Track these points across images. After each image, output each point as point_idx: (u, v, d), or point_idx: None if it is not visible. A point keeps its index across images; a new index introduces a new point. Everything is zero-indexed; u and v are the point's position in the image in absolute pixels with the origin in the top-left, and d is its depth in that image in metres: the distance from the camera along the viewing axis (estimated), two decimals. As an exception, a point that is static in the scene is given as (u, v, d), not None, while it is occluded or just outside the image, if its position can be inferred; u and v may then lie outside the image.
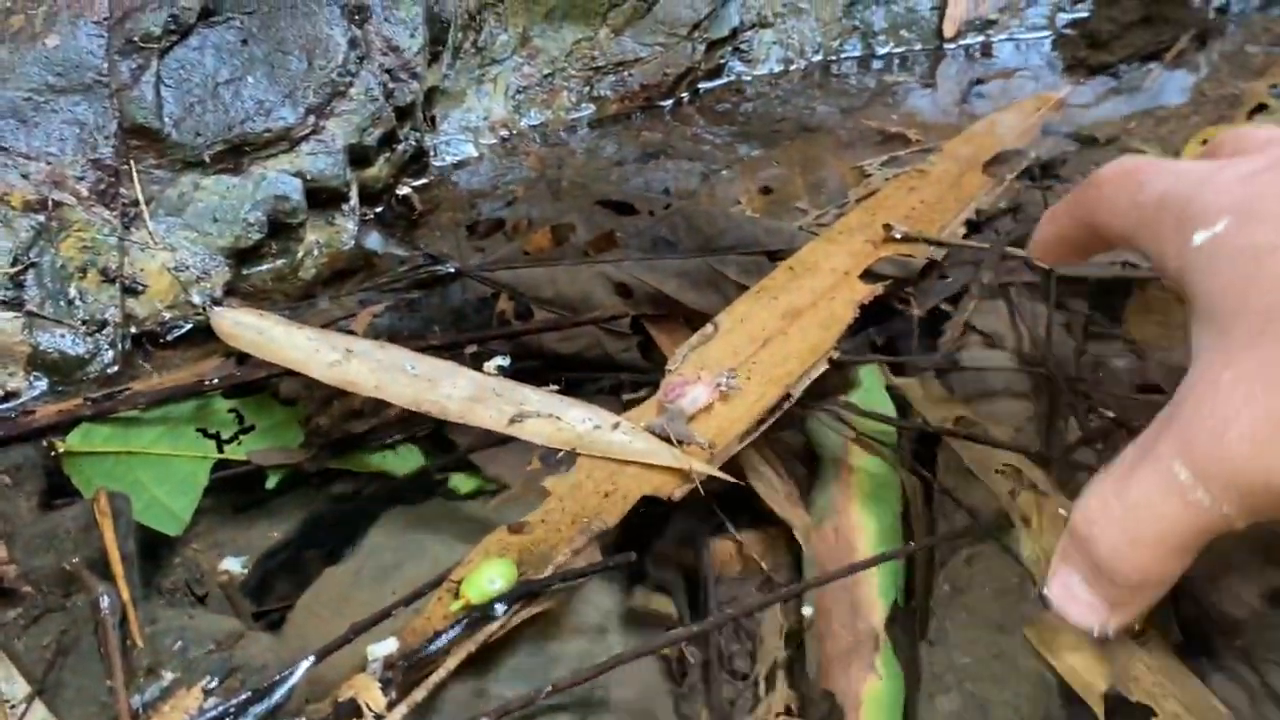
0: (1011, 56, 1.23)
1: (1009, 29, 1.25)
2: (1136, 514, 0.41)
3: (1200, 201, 0.44)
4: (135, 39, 0.79)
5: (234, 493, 0.71)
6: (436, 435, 0.74)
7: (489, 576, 0.56)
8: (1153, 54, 1.22)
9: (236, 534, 0.69)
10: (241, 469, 0.71)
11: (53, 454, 0.69)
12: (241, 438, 0.73)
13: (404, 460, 0.73)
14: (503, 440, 0.72)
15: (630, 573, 0.62)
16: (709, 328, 0.74)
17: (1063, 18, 1.27)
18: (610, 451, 0.65)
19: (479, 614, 0.55)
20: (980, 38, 1.25)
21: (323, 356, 0.70)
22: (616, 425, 0.67)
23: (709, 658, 0.60)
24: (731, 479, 0.63)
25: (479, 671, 0.54)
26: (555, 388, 0.71)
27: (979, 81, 1.17)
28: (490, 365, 0.75)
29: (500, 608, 0.55)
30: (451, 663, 0.53)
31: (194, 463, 0.70)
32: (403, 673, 0.52)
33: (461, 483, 0.71)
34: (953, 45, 1.24)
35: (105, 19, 0.79)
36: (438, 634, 0.54)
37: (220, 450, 0.71)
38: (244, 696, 0.51)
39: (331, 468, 0.72)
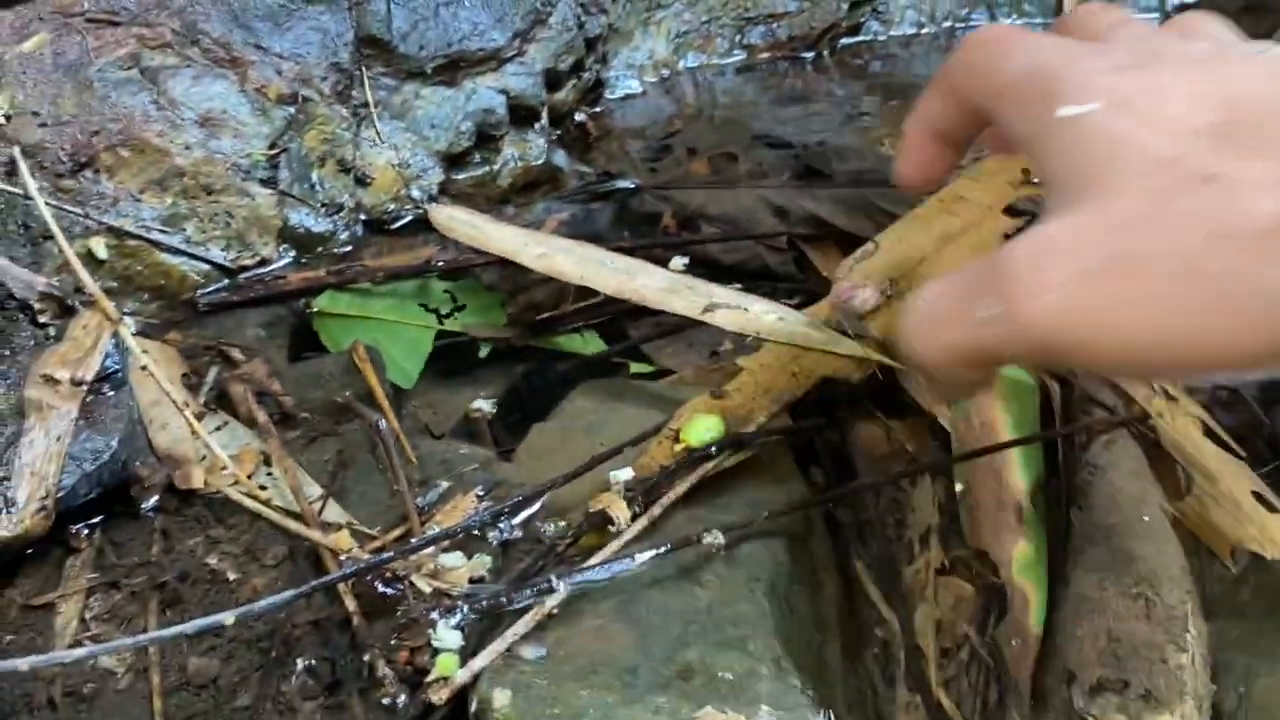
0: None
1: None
2: (944, 330, 0.42)
3: (1073, 81, 0.45)
4: (372, -40, 0.89)
5: (444, 361, 0.81)
6: (610, 327, 0.84)
7: (704, 426, 0.66)
8: (1256, 39, 1.30)
9: (449, 395, 0.79)
10: (457, 339, 0.81)
11: (307, 311, 0.80)
12: (456, 315, 0.83)
13: (588, 343, 0.82)
14: (668, 333, 0.83)
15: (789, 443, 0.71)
16: (870, 245, 0.83)
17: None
18: (795, 338, 0.75)
19: (697, 455, 0.64)
20: (1097, 14, 1.33)
21: (531, 249, 0.80)
22: (798, 318, 0.76)
23: (870, 517, 0.70)
24: (903, 366, 0.73)
25: (691, 503, 0.64)
26: (739, 286, 0.80)
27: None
28: (675, 263, 0.84)
29: (714, 451, 0.65)
30: (680, 488, 0.63)
31: (420, 331, 0.81)
32: (640, 494, 0.62)
33: (639, 367, 0.81)
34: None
35: (348, -60, 0.89)
36: (664, 468, 0.64)
37: (440, 323, 0.82)
38: (515, 499, 0.61)
39: (529, 346, 0.82)
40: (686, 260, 0.86)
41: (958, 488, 0.72)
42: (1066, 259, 0.38)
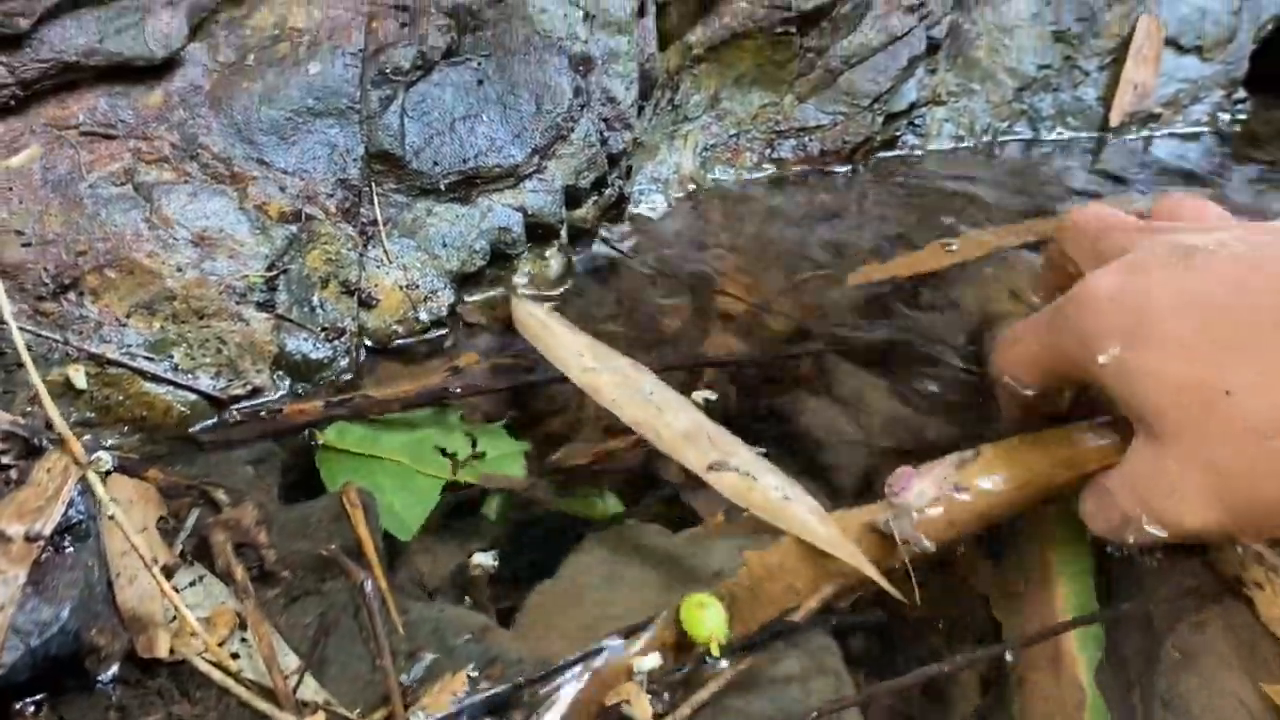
0: (1171, 149, 1.26)
1: (1171, 124, 1.28)
2: (1118, 527, 0.61)
3: (1095, 330, 0.59)
4: (386, 71, 0.85)
5: (449, 502, 0.74)
6: (644, 468, 0.77)
7: (705, 623, 0.59)
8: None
9: (449, 541, 0.72)
10: (467, 491, 0.75)
11: (313, 444, 0.74)
12: (473, 462, 0.76)
13: (606, 506, 0.75)
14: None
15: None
16: (969, 452, 0.70)
17: (1223, 116, 1.30)
18: (793, 527, 0.64)
19: (720, 650, 0.57)
20: (1143, 131, 1.28)
21: (582, 361, 0.75)
22: (810, 505, 0.66)
23: (908, 708, 0.63)
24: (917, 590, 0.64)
25: (725, 693, 0.57)
26: (762, 450, 0.72)
27: (1141, 167, 1.21)
28: (698, 395, 0.78)
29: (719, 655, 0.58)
30: (714, 685, 0.56)
31: (430, 480, 0.74)
32: (666, 689, 0.55)
33: (658, 509, 0.74)
34: (1116, 136, 1.27)
35: (361, 51, 0.85)
36: (702, 658, 0.57)
37: (455, 471, 0.75)
38: (509, 685, 0.54)
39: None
40: (713, 396, 0.79)
41: (1007, 656, 0.65)
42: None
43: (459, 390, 0.77)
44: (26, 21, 0.73)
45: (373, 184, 0.85)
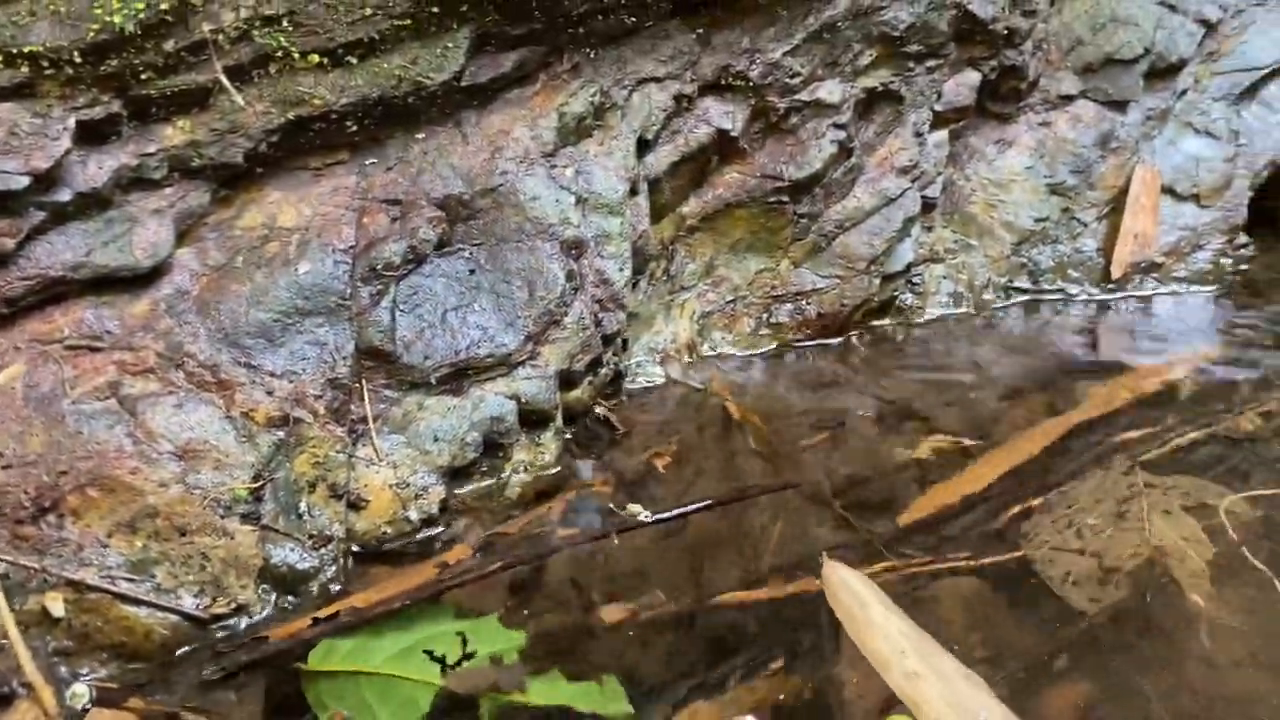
0: (1171, 300, 1.26)
1: (1173, 273, 1.28)
2: None
3: None
4: (377, 267, 0.84)
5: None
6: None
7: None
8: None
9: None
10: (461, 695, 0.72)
11: (299, 667, 0.71)
12: (464, 662, 0.73)
13: (608, 698, 0.72)
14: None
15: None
16: None
17: (1225, 262, 1.29)
18: None
19: None
20: (1145, 281, 1.27)
21: (905, 663, 0.70)
22: None
23: None
24: None
25: None
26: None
27: (1143, 333, 1.20)
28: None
29: None
30: None
31: (418, 688, 0.71)
32: None
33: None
34: (1117, 288, 1.26)
35: (351, 248, 0.85)
36: None
37: (444, 674, 0.72)
38: None
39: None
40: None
41: None
42: None
43: (449, 583, 0.75)
44: (12, 241, 0.73)
45: (363, 381, 0.84)
